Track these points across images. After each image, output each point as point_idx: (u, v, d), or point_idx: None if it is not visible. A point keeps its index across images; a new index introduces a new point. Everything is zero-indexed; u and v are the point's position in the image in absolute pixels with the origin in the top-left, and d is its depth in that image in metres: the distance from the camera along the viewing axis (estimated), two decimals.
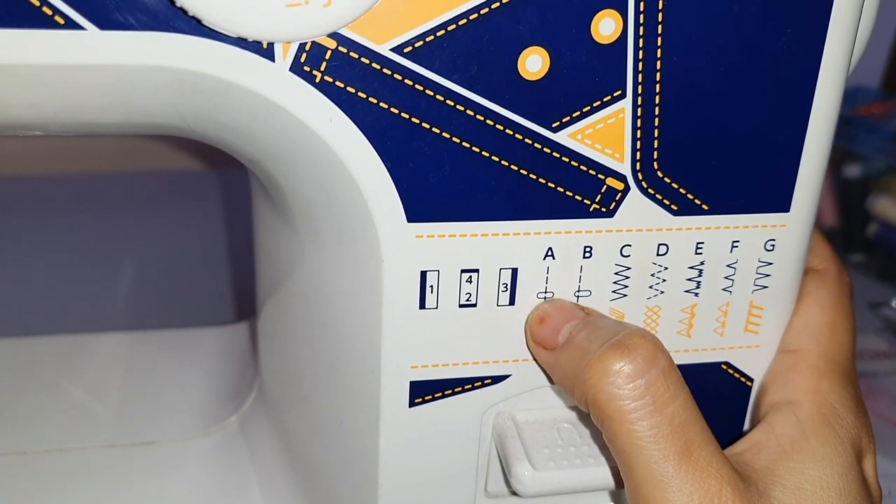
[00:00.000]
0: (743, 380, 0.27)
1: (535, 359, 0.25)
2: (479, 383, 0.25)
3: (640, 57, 0.22)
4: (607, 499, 0.29)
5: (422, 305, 0.24)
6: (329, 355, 0.27)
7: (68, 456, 0.35)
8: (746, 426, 0.28)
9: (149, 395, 0.39)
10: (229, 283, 0.48)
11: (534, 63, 0.22)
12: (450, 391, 0.25)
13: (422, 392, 0.25)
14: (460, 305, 0.24)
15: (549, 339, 0.24)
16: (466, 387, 0.25)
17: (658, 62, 0.23)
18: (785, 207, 0.25)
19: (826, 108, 0.24)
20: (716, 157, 0.24)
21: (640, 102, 0.23)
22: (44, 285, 0.47)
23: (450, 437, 0.26)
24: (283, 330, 0.30)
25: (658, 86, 0.23)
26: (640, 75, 0.23)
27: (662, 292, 0.26)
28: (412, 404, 0.25)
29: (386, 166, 0.22)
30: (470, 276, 0.24)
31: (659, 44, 0.22)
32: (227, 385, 0.39)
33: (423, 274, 0.24)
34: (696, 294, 0.26)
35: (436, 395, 0.25)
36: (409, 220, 0.23)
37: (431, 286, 0.24)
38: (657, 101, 0.23)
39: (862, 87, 0.72)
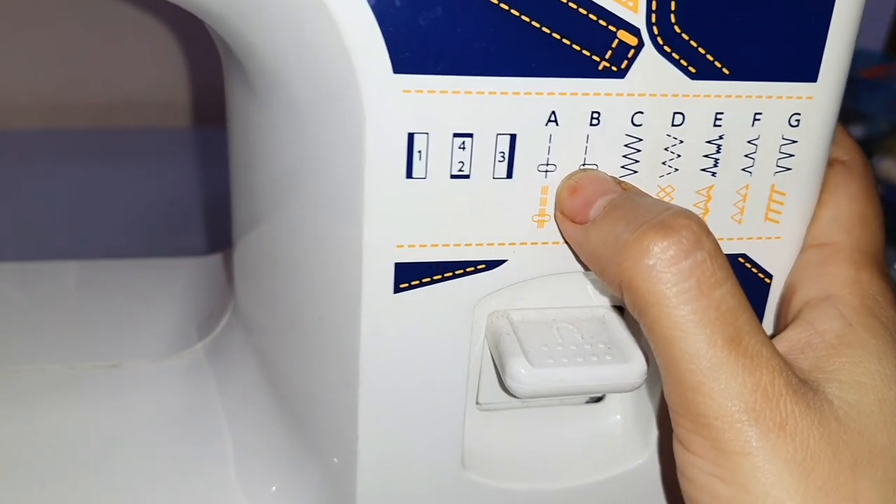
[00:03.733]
0: (761, 276, 0.25)
1: (561, 234, 0.23)
2: (472, 268, 0.23)
3: None
4: (610, 407, 0.27)
5: (409, 174, 0.21)
6: (306, 240, 0.24)
7: (25, 375, 0.32)
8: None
9: (115, 320, 0.36)
10: (203, 220, 0.46)
11: None
12: (439, 276, 0.23)
13: (408, 276, 0.23)
14: (452, 176, 0.22)
15: (579, 212, 0.22)
16: (458, 272, 0.23)
17: None
18: (812, 77, 0.23)
19: None
20: (739, 14, 0.22)
21: None
22: (20, 216, 0.45)
23: (438, 331, 0.23)
24: (259, 228, 0.28)
25: None
26: None
27: (677, 170, 0.23)
28: (397, 289, 0.23)
29: (369, 3, 0.20)
30: (463, 142, 0.21)
31: None
32: (198, 310, 0.36)
33: (411, 137, 0.21)
34: (714, 174, 0.23)
35: (423, 281, 0.23)
36: (396, 70, 0.20)
37: (420, 151, 0.21)
38: None
39: (864, 50, 0.70)
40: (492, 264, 0.23)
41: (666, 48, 0.22)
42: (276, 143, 0.24)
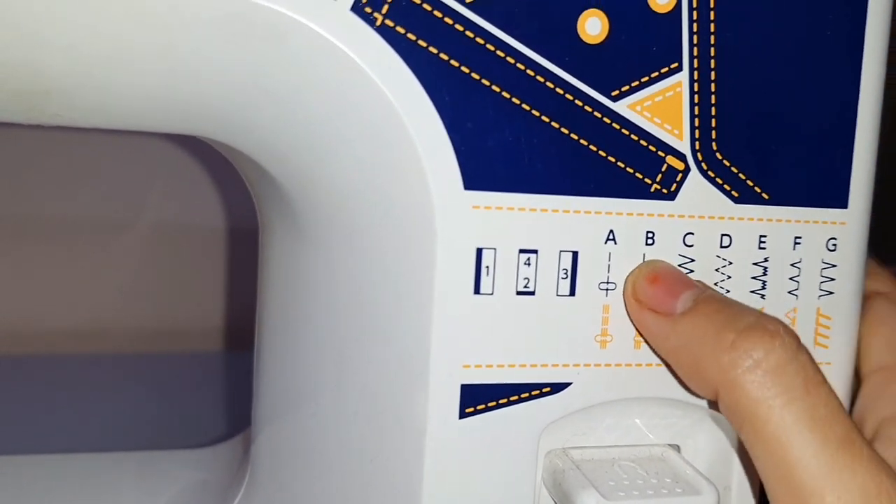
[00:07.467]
0: None
1: (635, 324, 0.23)
2: (537, 391, 0.22)
3: (695, 30, 0.22)
4: None
5: (476, 290, 0.22)
6: (365, 369, 0.23)
7: None
8: None
9: None
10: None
11: (593, 26, 0.22)
12: (504, 400, 0.22)
13: (474, 399, 0.22)
14: (518, 293, 0.22)
15: (663, 303, 0.22)
16: (523, 395, 0.22)
17: (712, 36, 0.23)
18: (843, 203, 0.24)
19: (871, 100, 0.24)
20: (772, 142, 0.23)
21: (696, 77, 0.23)
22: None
23: (504, 463, 0.22)
24: (295, 369, 0.27)
25: (713, 61, 0.23)
26: (695, 48, 0.22)
27: (728, 291, 0.24)
28: (463, 415, 0.22)
29: (444, 123, 0.21)
30: (528, 258, 0.22)
31: (712, 18, 0.22)
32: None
33: (479, 252, 0.22)
34: (763, 296, 0.24)
35: (489, 405, 0.22)
36: (466, 187, 0.21)
37: (487, 267, 0.22)
38: (713, 78, 0.23)
39: None
40: (557, 387, 0.23)
41: (710, 173, 0.23)
42: (327, 280, 0.25)
